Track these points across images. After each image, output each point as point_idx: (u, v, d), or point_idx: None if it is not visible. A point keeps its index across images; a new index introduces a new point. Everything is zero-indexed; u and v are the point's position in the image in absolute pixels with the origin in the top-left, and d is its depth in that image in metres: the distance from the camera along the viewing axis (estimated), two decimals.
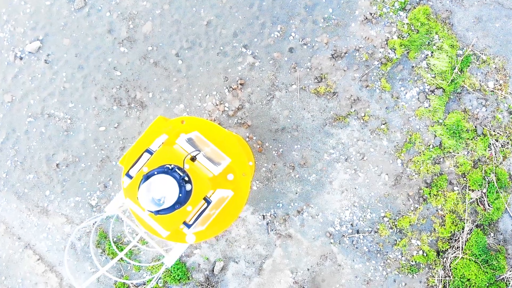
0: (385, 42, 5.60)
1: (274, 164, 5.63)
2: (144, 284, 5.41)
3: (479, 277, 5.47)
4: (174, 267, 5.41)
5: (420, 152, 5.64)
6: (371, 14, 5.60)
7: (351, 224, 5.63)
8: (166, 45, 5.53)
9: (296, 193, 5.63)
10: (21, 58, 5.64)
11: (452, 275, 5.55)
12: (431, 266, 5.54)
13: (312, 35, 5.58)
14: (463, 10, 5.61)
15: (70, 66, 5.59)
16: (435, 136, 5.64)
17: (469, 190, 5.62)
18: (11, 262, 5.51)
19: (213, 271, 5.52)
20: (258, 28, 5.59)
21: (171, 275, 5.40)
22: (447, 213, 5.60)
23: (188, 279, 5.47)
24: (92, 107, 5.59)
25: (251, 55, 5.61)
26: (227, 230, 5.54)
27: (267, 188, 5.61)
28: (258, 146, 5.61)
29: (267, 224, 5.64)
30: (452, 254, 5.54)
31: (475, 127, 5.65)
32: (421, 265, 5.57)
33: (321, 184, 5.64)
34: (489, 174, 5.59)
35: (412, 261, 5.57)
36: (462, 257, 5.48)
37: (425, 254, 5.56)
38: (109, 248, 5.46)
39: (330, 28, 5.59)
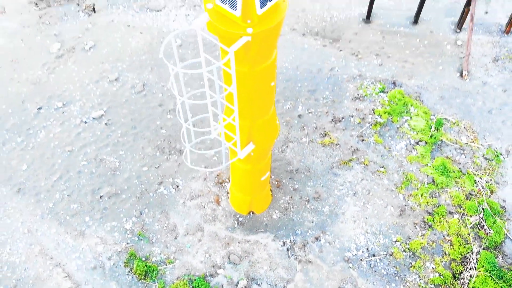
0: (372, 111, 7.08)
1: (291, 197, 6.27)
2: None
3: None
4: (198, 284, 5.38)
5: (417, 188, 6.38)
6: (358, 95, 7.29)
7: (367, 249, 5.87)
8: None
9: (312, 222, 6.07)
10: (85, 122, 6.97)
11: None
12: None
13: (315, 107, 7.10)
14: (429, 92, 7.32)
15: (125, 127, 6.87)
16: (427, 175, 6.51)
17: (467, 216, 6.12)
18: (38, 280, 5.44)
19: None
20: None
21: None
22: (453, 237, 5.94)
23: None
24: (139, 154, 6.59)
25: None
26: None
27: (285, 217, 6.09)
28: (276, 183, 6.38)
29: (287, 249, 5.86)
30: (467, 273, 5.61)
31: (460, 169, 6.57)
32: (440, 287, 5.57)
33: (334, 214, 6.15)
34: (482, 203, 6.21)
35: (430, 284, 5.58)
36: (477, 275, 5.54)
37: (442, 276, 5.62)
38: (137, 265, 5.56)
39: (328, 103, 7.16)
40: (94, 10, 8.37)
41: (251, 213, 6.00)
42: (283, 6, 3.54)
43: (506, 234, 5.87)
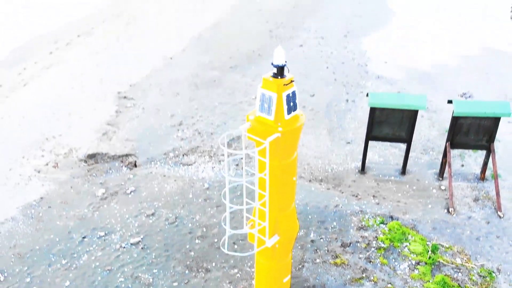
0: (376, 238, 7.99)
1: None
2: None
3: None
4: None
5: None
6: (362, 225, 8.30)
7: None
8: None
9: None
10: (124, 247, 7.80)
11: None
12: None
13: (325, 235, 8.04)
14: (422, 224, 8.34)
15: (159, 250, 7.69)
16: None
17: None
18: None
19: None
20: None
21: None
22: None
23: None
24: (170, 272, 7.26)
25: None
26: None
27: None
28: None
29: None
30: None
31: (459, 284, 7.16)
32: None
33: None
34: None
35: None
36: None
37: None
38: None
39: (336, 231, 8.12)
40: (135, 165, 10.02)
41: None
42: (301, 118, 5.06)
43: None
